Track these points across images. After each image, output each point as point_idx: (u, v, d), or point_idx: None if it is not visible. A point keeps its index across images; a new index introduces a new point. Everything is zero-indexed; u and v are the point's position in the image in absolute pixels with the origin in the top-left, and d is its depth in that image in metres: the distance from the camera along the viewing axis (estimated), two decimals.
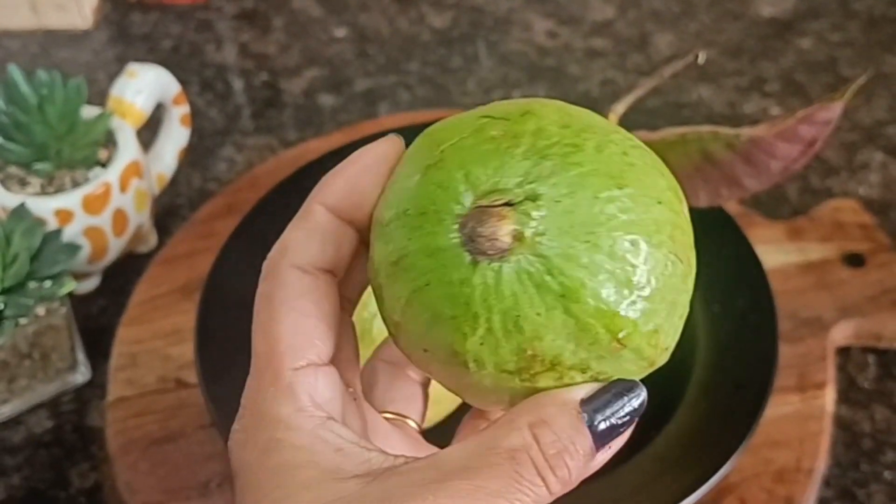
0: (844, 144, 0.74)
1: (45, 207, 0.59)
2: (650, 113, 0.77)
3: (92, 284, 0.66)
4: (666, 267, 0.28)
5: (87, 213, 0.60)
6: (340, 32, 0.87)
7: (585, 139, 0.29)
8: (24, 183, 0.62)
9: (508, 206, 0.27)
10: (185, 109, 0.68)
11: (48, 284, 0.56)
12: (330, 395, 0.30)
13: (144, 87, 0.65)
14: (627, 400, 0.29)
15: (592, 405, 0.29)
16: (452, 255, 0.28)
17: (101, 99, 0.67)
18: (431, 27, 0.87)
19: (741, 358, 0.55)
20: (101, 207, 0.61)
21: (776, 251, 0.63)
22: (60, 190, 0.61)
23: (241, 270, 0.58)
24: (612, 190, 0.28)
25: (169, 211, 0.71)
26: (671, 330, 0.30)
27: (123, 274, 0.66)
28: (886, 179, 0.72)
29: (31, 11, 0.86)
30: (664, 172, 0.30)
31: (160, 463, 0.55)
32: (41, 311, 0.57)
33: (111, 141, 0.64)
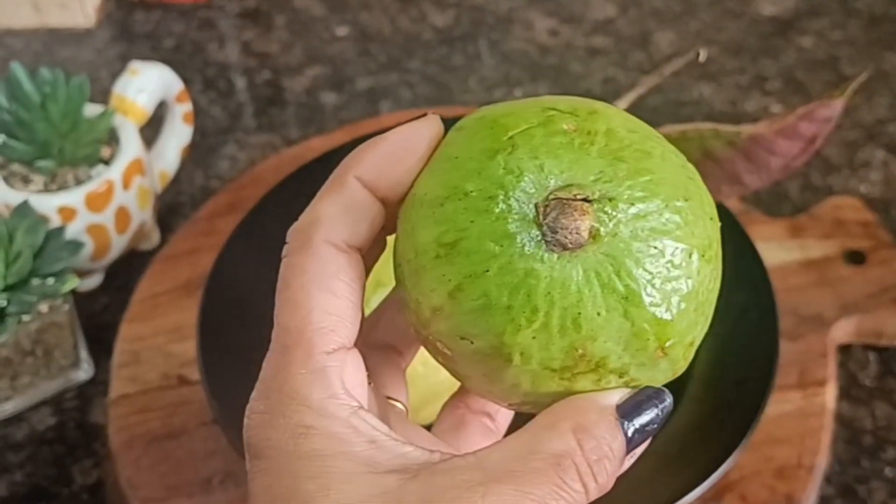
0: (845, 142, 0.74)
1: (48, 205, 0.60)
2: (651, 111, 0.77)
3: (95, 282, 0.66)
4: (710, 282, 0.29)
5: (89, 210, 0.61)
6: (342, 31, 0.87)
7: (652, 147, 0.29)
8: (27, 180, 0.62)
9: (587, 202, 0.27)
10: (187, 107, 0.69)
11: (51, 282, 0.56)
12: (358, 381, 0.29)
13: (147, 84, 0.65)
14: (657, 407, 0.29)
15: (626, 411, 0.29)
16: (521, 243, 0.27)
17: (103, 97, 0.68)
18: (433, 26, 0.87)
19: (742, 355, 0.55)
20: (103, 205, 0.61)
21: (777, 248, 0.64)
22: (63, 187, 0.62)
23: (243, 268, 0.58)
24: (678, 200, 0.28)
25: (171, 208, 0.72)
26: (699, 343, 0.30)
27: (126, 271, 0.67)
28: (887, 177, 0.72)
29: (33, 10, 0.86)
30: (705, 187, 0.30)
31: (162, 459, 0.55)
32: (44, 308, 0.57)
33: (114, 139, 0.64)
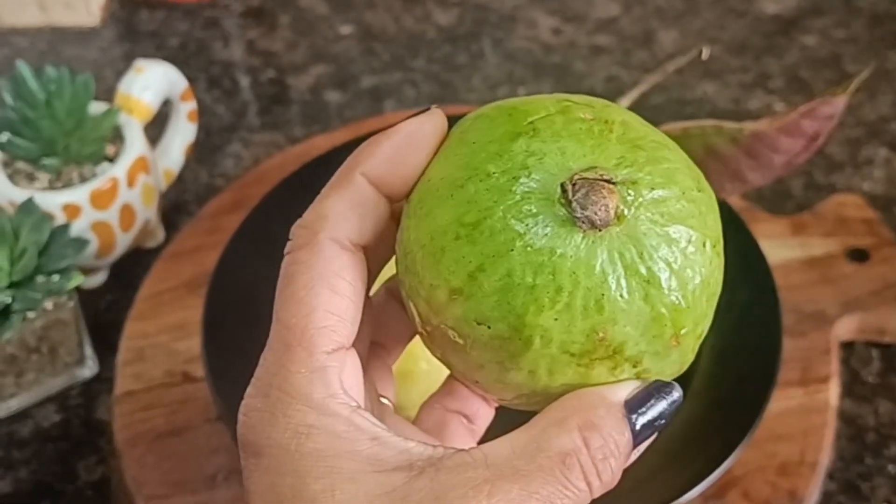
0: (848, 140, 0.74)
1: (52, 202, 0.60)
2: (654, 109, 0.77)
3: (99, 279, 0.66)
4: (718, 275, 0.29)
5: (94, 208, 0.61)
6: (346, 30, 0.87)
7: (664, 139, 0.29)
8: (31, 178, 0.62)
9: (611, 183, 0.27)
10: (192, 106, 0.69)
11: (56, 279, 0.56)
12: (356, 381, 0.29)
13: (152, 83, 0.65)
14: (666, 402, 0.29)
15: (635, 406, 0.28)
16: (545, 223, 0.27)
17: (108, 96, 0.68)
18: (437, 24, 0.88)
19: (745, 352, 0.55)
20: (108, 202, 0.61)
21: (780, 246, 0.64)
22: (68, 185, 0.62)
23: (247, 265, 0.58)
24: (694, 190, 0.28)
25: (176, 206, 0.72)
26: (704, 338, 0.30)
27: (131, 269, 0.67)
28: (890, 175, 0.72)
29: (39, 9, 0.86)
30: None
31: (167, 456, 0.55)
32: (49, 305, 0.57)
33: (119, 137, 0.64)
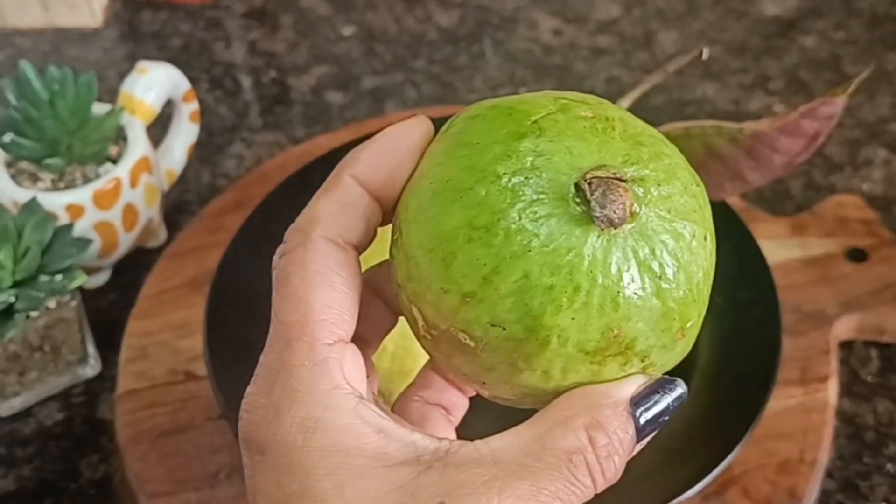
0: (848, 141, 0.75)
1: (56, 202, 0.60)
2: (654, 110, 0.77)
3: (102, 278, 0.67)
4: (714, 267, 0.30)
5: (97, 207, 0.61)
6: (348, 31, 0.88)
7: (659, 134, 0.30)
8: (35, 178, 0.63)
9: (623, 181, 0.27)
10: (194, 106, 0.69)
11: (59, 278, 0.57)
12: (357, 374, 0.29)
13: (154, 83, 0.65)
14: (671, 398, 0.29)
15: (640, 402, 0.29)
16: (560, 221, 0.27)
17: (111, 96, 0.68)
18: (438, 26, 0.88)
19: (745, 351, 0.55)
20: (111, 202, 0.61)
21: (779, 246, 0.64)
22: (71, 185, 0.62)
23: (249, 264, 0.59)
24: (693, 185, 0.29)
25: (178, 206, 0.72)
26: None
27: (133, 268, 0.67)
28: (889, 175, 0.72)
29: (41, 10, 0.87)
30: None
31: (169, 454, 0.56)
32: (52, 304, 0.57)
33: (121, 137, 0.64)
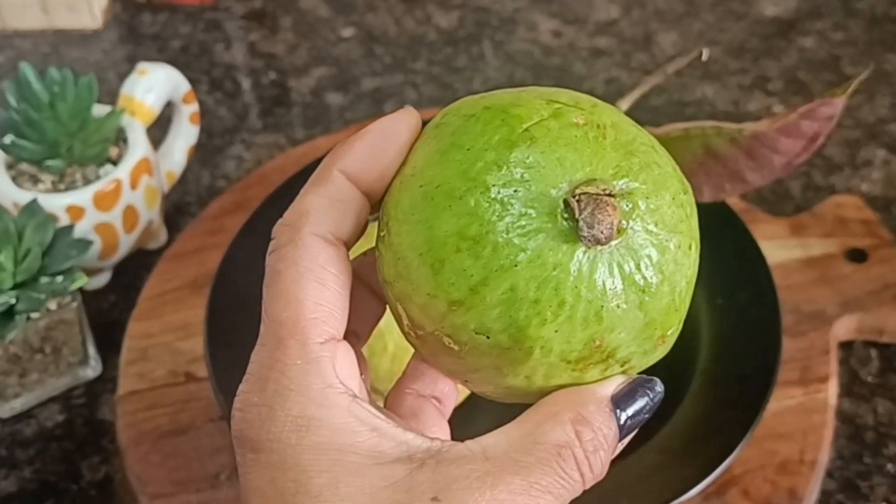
0: (847, 141, 0.75)
1: (56, 204, 0.60)
2: (654, 111, 0.77)
3: (103, 280, 0.67)
4: (697, 272, 0.30)
5: (98, 209, 0.61)
6: (348, 32, 0.88)
7: (651, 139, 0.30)
8: (35, 180, 0.63)
9: (612, 196, 0.27)
10: (194, 108, 0.69)
11: (60, 280, 0.57)
12: (350, 372, 0.29)
13: (155, 85, 0.65)
14: (650, 396, 0.30)
15: (620, 401, 0.29)
16: (549, 237, 0.27)
17: (111, 98, 0.68)
18: (438, 27, 0.88)
19: (745, 351, 0.55)
20: (111, 204, 0.62)
21: (779, 247, 0.64)
22: (72, 187, 0.62)
23: (249, 266, 0.59)
24: (682, 194, 0.29)
25: (178, 208, 0.72)
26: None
27: (134, 269, 0.67)
28: (889, 176, 0.72)
29: (41, 12, 0.87)
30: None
31: (170, 455, 0.56)
32: (53, 305, 0.57)
33: (122, 138, 0.64)
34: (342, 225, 0.30)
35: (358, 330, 0.34)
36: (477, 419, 0.39)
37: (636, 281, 0.28)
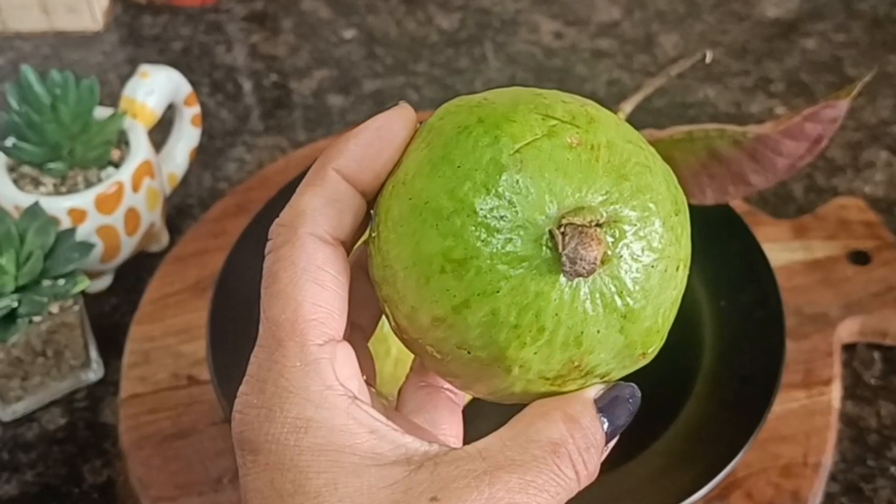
0: (850, 143, 0.75)
1: (58, 207, 0.60)
2: (656, 113, 0.77)
3: (104, 283, 0.66)
4: (683, 287, 0.30)
5: (99, 212, 0.61)
6: (349, 34, 0.88)
7: (646, 157, 0.30)
8: (37, 183, 0.62)
9: (598, 226, 0.27)
10: (196, 110, 0.69)
11: (62, 283, 0.57)
12: (350, 372, 0.29)
13: (156, 87, 0.65)
14: (630, 401, 0.30)
15: (603, 406, 0.30)
16: (532, 266, 0.27)
17: (112, 100, 0.68)
18: (439, 28, 0.88)
19: (748, 354, 0.55)
20: (113, 207, 0.61)
21: (782, 249, 0.64)
22: (73, 190, 0.62)
23: (252, 269, 0.58)
24: (673, 215, 0.29)
25: (180, 210, 0.72)
26: None
27: (135, 272, 0.67)
28: (891, 178, 0.72)
29: (42, 13, 0.87)
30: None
31: (173, 458, 0.56)
32: (55, 309, 0.57)
33: (123, 141, 0.64)
34: (339, 224, 0.30)
35: (363, 323, 0.34)
36: (478, 422, 0.39)
37: (618, 307, 0.28)
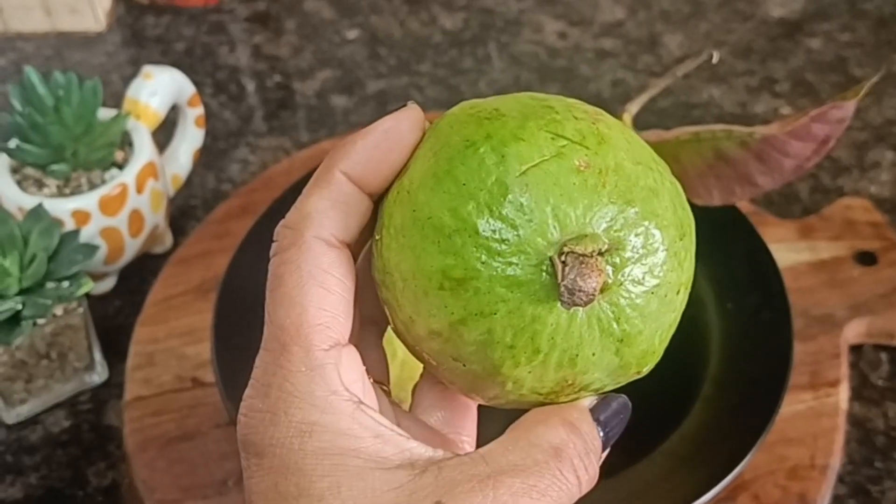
0: (855, 143, 0.75)
1: (62, 208, 0.60)
2: (661, 113, 0.77)
3: (108, 285, 0.66)
4: (683, 307, 0.31)
5: (103, 213, 0.61)
6: (352, 34, 0.88)
7: (654, 179, 0.29)
8: (40, 184, 0.62)
9: (600, 254, 0.27)
10: (199, 111, 0.69)
11: (66, 285, 0.56)
12: (355, 376, 0.29)
13: (159, 88, 0.65)
14: (623, 411, 0.31)
15: (598, 416, 0.30)
16: (530, 290, 0.27)
17: (114, 101, 0.68)
18: (443, 28, 0.88)
19: (755, 355, 0.55)
20: (117, 208, 0.61)
21: (788, 250, 0.64)
22: (77, 191, 0.62)
23: (256, 270, 0.58)
24: (678, 240, 0.29)
25: (184, 212, 0.72)
26: None
27: (139, 274, 0.67)
28: None
29: (44, 14, 0.86)
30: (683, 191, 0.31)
31: (177, 461, 0.55)
32: (59, 311, 0.57)
33: (127, 142, 0.64)
34: (345, 227, 0.30)
35: (377, 317, 0.34)
36: (485, 424, 0.39)
37: (615, 332, 0.28)
